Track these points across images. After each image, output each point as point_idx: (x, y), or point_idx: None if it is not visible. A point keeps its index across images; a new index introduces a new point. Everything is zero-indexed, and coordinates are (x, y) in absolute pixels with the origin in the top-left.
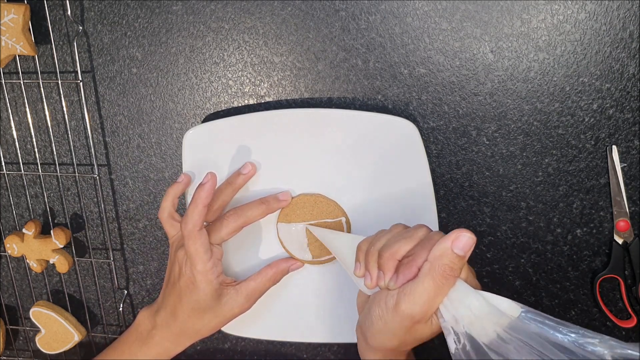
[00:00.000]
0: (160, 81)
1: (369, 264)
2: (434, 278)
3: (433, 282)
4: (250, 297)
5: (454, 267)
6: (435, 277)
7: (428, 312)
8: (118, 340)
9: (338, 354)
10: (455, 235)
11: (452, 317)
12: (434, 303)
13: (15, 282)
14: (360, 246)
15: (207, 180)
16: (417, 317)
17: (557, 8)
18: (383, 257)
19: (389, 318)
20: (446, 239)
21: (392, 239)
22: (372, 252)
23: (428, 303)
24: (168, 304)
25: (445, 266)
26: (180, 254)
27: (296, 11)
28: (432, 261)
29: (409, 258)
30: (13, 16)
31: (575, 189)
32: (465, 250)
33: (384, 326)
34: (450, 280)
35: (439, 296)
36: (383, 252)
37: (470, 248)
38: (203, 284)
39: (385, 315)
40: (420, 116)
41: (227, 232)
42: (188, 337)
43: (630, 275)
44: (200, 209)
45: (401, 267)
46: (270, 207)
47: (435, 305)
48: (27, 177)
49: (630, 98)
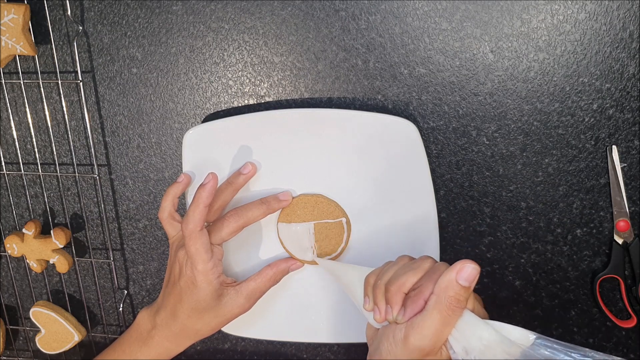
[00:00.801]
0: (160, 81)
1: (377, 298)
2: (440, 310)
3: (440, 314)
4: (250, 297)
5: (460, 299)
6: (442, 309)
7: (437, 344)
8: (118, 340)
9: (338, 354)
10: (460, 266)
11: (462, 349)
12: (442, 335)
13: (15, 282)
14: (367, 280)
15: (208, 180)
16: (426, 349)
17: (557, 8)
18: (390, 291)
19: (398, 352)
20: (450, 270)
21: (399, 271)
22: (380, 286)
23: (436, 335)
24: (168, 304)
25: (451, 298)
26: (181, 254)
27: (296, 11)
28: (438, 294)
29: (416, 291)
30: (13, 16)
31: (575, 189)
32: (470, 281)
33: None
34: (457, 311)
35: (447, 328)
36: (390, 285)
37: (474, 278)
38: (204, 284)
39: (394, 349)
40: (420, 116)
41: (227, 233)
42: (188, 337)
43: (630, 275)
44: (202, 209)
45: (408, 300)
46: (271, 207)
47: (444, 337)
48: (27, 177)
49: (630, 98)
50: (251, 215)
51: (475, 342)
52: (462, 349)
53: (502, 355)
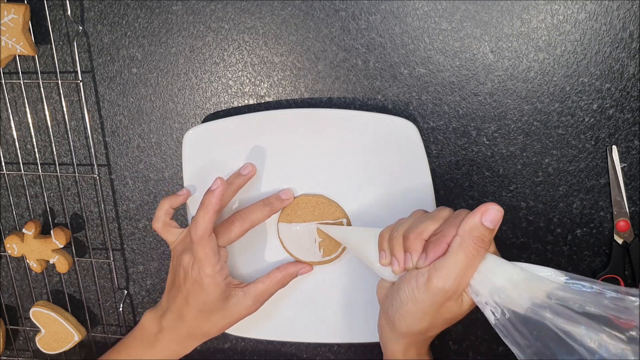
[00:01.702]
0: (160, 81)
1: (395, 249)
2: (465, 250)
3: (465, 254)
4: (258, 299)
5: (485, 240)
6: (467, 249)
7: (460, 286)
8: (122, 342)
9: (338, 354)
10: (485, 208)
11: (487, 291)
12: (465, 276)
13: (15, 282)
14: (382, 234)
15: (217, 186)
16: (450, 291)
17: (557, 8)
18: (409, 239)
19: (420, 296)
20: (475, 213)
21: (416, 221)
22: (397, 237)
23: (460, 276)
24: (174, 306)
25: (476, 238)
26: (186, 258)
27: (296, 11)
28: (463, 235)
29: (438, 235)
30: (13, 16)
31: (575, 189)
32: (495, 223)
33: (414, 306)
34: (481, 252)
35: (470, 269)
36: (409, 233)
37: (499, 221)
38: (211, 287)
39: (417, 293)
40: (420, 116)
41: (234, 237)
42: (195, 339)
43: (630, 275)
44: (211, 215)
45: (429, 245)
46: (274, 208)
47: (467, 278)
48: (27, 177)
49: (630, 98)
50: (256, 217)
51: (502, 282)
52: (488, 292)
53: (531, 294)
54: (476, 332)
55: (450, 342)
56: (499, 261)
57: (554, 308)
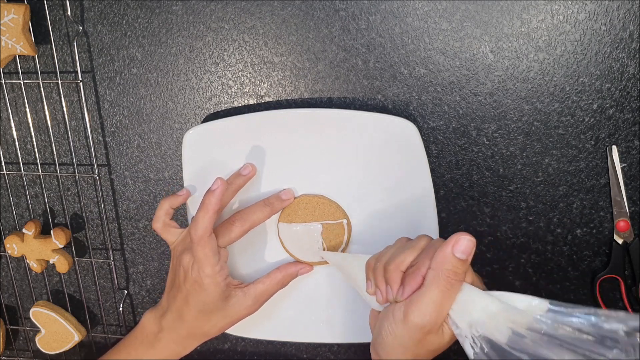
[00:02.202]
0: (160, 81)
1: (377, 279)
2: (438, 285)
3: (438, 289)
4: (258, 299)
5: (458, 272)
6: (440, 283)
7: (437, 320)
8: (122, 342)
9: (338, 354)
10: (455, 239)
11: (465, 323)
12: (442, 310)
13: (15, 282)
14: (368, 263)
15: (217, 186)
16: (427, 326)
17: (557, 8)
18: (388, 270)
19: (398, 331)
20: (446, 244)
21: (396, 251)
22: (379, 267)
23: (436, 311)
24: (174, 307)
25: (449, 271)
26: (185, 258)
27: (296, 11)
28: (435, 268)
29: (413, 268)
30: (13, 16)
31: (575, 189)
32: (467, 254)
33: (394, 340)
34: (455, 285)
35: (446, 302)
36: (388, 265)
37: (471, 251)
38: (211, 287)
39: (395, 328)
40: (420, 116)
41: (234, 237)
42: (195, 339)
43: (630, 275)
44: (211, 214)
45: (406, 278)
46: (274, 208)
47: (444, 312)
48: (27, 177)
49: (630, 98)
50: (256, 217)
51: (479, 314)
52: (467, 324)
53: (510, 325)
54: None
55: None
56: (475, 292)
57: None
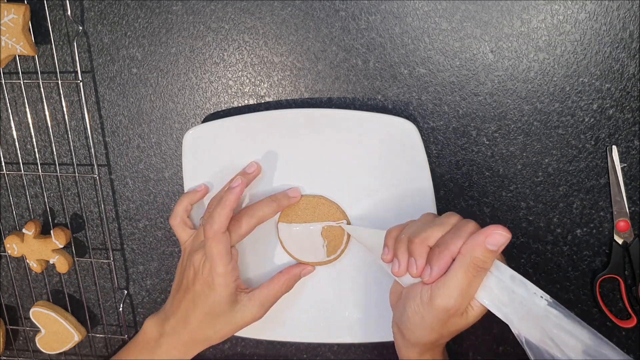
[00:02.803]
0: (160, 81)
1: (399, 250)
2: (466, 271)
3: (466, 275)
4: (263, 304)
5: (486, 261)
6: (468, 270)
7: (462, 304)
8: (123, 349)
9: (338, 354)
10: (490, 231)
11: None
12: (467, 295)
13: (15, 282)
14: (390, 232)
15: (238, 184)
16: (452, 310)
17: (557, 8)
18: (414, 242)
19: (425, 313)
20: (480, 234)
21: (424, 225)
22: (402, 239)
23: (462, 296)
24: (178, 310)
25: (477, 259)
26: (197, 257)
27: (296, 11)
28: (465, 254)
29: (441, 247)
30: (13, 16)
31: (575, 189)
32: (498, 246)
33: (420, 321)
34: (481, 272)
35: (472, 288)
36: (414, 237)
37: (503, 245)
38: (221, 287)
39: (421, 310)
40: (420, 116)
41: (243, 233)
42: (197, 345)
43: (630, 275)
44: (228, 211)
45: (434, 257)
46: (280, 204)
47: (469, 297)
48: (27, 177)
49: (630, 98)
50: (263, 213)
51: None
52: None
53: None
54: (476, 332)
55: (450, 342)
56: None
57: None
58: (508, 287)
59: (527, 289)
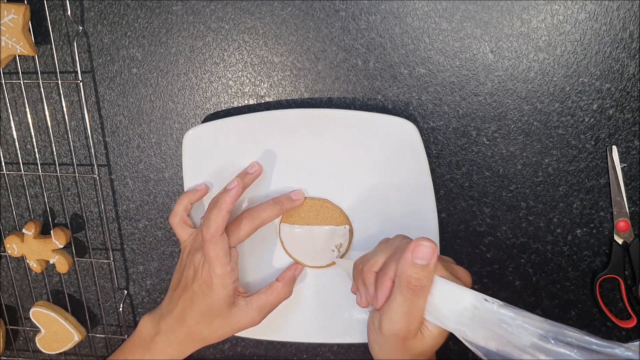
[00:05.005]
0: (160, 81)
1: (358, 282)
2: (402, 293)
3: (402, 297)
4: (261, 310)
5: (419, 278)
6: (403, 291)
7: (409, 327)
8: (120, 348)
9: (338, 354)
10: (414, 245)
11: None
12: (411, 317)
13: (15, 282)
14: (355, 264)
15: (234, 186)
16: (401, 334)
17: (557, 8)
18: (363, 272)
19: (379, 339)
20: (406, 251)
21: (373, 252)
22: (360, 269)
23: (405, 319)
24: (175, 308)
25: (410, 278)
26: (197, 257)
27: (296, 11)
28: (399, 275)
29: (382, 272)
30: (13, 16)
31: (575, 189)
32: (427, 259)
33: (379, 349)
34: (418, 292)
35: (415, 310)
36: (363, 265)
37: (431, 256)
38: (219, 288)
39: (376, 338)
40: (420, 116)
41: (244, 235)
42: (193, 344)
43: (630, 276)
44: (224, 214)
45: (377, 283)
46: (284, 207)
47: (415, 319)
48: (27, 177)
49: (630, 98)
50: (265, 215)
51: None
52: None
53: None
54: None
55: (450, 342)
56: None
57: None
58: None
59: (474, 296)
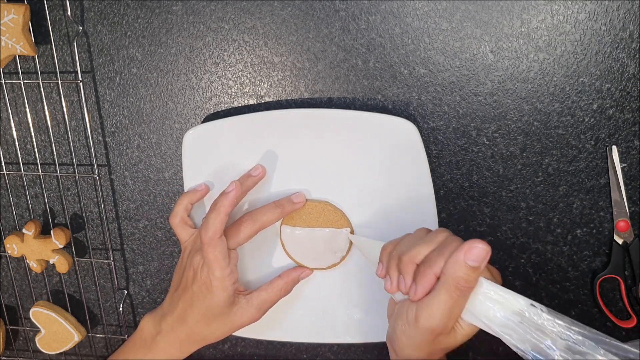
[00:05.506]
0: (160, 81)
1: (390, 267)
2: (448, 291)
3: (448, 294)
4: (261, 307)
5: (469, 279)
6: (450, 290)
7: (447, 324)
8: (121, 348)
9: (338, 354)
10: (468, 246)
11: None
12: (451, 315)
13: (15, 282)
14: (384, 247)
15: (232, 189)
16: (437, 330)
17: (557, 8)
18: (402, 261)
19: (411, 332)
20: (459, 251)
21: (413, 242)
22: (394, 256)
23: (446, 316)
24: (176, 308)
25: (459, 279)
26: (196, 259)
27: (296, 11)
28: (446, 273)
29: (425, 266)
30: (13, 16)
31: (575, 189)
32: (479, 261)
33: (407, 340)
34: (465, 292)
35: (456, 308)
36: (403, 255)
37: (484, 259)
38: (219, 290)
39: (407, 329)
40: (420, 116)
41: (244, 238)
42: (193, 344)
43: (630, 276)
44: (222, 217)
45: (419, 275)
46: (285, 210)
47: (454, 317)
48: (27, 177)
49: (630, 98)
50: (266, 219)
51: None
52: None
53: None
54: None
55: None
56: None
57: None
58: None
59: (523, 301)
